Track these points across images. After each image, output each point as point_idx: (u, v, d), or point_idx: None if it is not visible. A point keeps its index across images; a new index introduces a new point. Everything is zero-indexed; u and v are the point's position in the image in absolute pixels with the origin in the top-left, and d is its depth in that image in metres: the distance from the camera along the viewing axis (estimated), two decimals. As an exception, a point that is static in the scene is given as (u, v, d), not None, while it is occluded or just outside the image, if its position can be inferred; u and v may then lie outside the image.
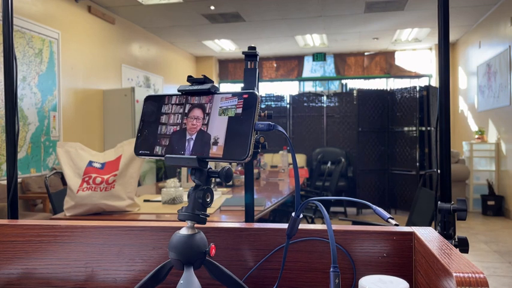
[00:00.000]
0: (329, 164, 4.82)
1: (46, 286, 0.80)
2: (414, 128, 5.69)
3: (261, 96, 6.93)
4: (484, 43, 6.60)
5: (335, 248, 0.57)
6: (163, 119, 0.67)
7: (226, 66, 9.85)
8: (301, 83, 9.50)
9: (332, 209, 6.13)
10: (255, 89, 0.63)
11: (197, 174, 0.64)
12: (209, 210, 2.16)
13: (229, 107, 0.62)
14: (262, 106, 6.93)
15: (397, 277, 0.59)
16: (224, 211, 2.20)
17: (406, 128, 5.82)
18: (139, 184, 3.74)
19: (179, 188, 2.42)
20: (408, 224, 2.45)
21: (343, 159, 4.46)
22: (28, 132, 4.43)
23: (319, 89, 9.41)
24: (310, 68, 9.41)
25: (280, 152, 4.82)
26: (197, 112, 0.64)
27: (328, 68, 9.32)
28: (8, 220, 0.85)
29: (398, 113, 5.93)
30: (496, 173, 6.11)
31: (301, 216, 0.67)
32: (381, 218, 0.76)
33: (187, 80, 0.66)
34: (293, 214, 0.65)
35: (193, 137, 0.63)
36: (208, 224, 0.78)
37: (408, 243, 0.71)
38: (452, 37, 7.83)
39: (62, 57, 5.01)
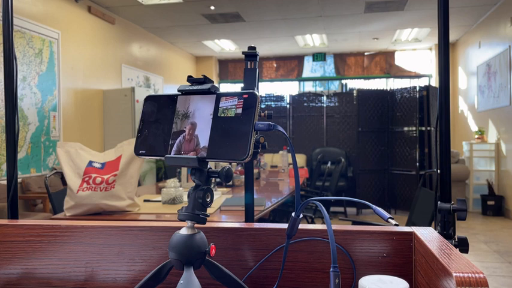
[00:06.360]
0: (329, 164, 4.82)
1: (46, 286, 0.80)
2: (414, 128, 5.69)
3: (261, 96, 6.93)
4: (484, 43, 6.60)
5: (335, 248, 0.57)
6: (163, 119, 0.67)
7: (226, 66, 9.85)
8: (301, 83, 9.50)
9: (332, 209, 6.13)
10: (255, 89, 0.63)
11: (197, 174, 0.64)
12: (209, 210, 2.16)
13: (229, 107, 0.62)
14: (262, 106, 6.93)
15: (397, 277, 0.59)
16: (224, 211, 2.20)
17: (406, 128, 5.82)
18: (139, 184, 3.74)
19: (179, 188, 2.42)
20: (408, 224, 2.45)
21: (343, 159, 4.46)
22: (28, 132, 4.43)
23: (319, 89, 9.41)
24: (310, 68, 9.41)
25: (280, 152, 4.82)
26: (197, 112, 0.64)
27: (328, 68, 9.32)
28: (8, 220, 0.85)
29: (398, 113, 5.93)
30: (496, 173, 6.11)
31: (301, 216, 0.67)
32: (381, 218, 0.76)
33: (187, 80, 0.66)
34: (293, 214, 0.65)
35: (193, 137, 0.63)
36: (208, 224, 0.78)
37: (408, 243, 0.71)
38: (452, 37, 7.83)
39: (62, 57, 5.01)
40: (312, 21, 6.69)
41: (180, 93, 0.67)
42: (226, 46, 8.52)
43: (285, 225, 0.76)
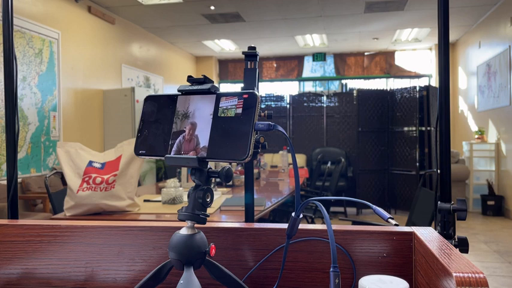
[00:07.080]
0: (329, 164, 4.82)
1: (46, 286, 0.80)
2: (414, 128, 5.69)
3: (261, 96, 6.93)
4: (484, 43, 6.60)
5: (335, 248, 0.57)
6: (163, 119, 0.67)
7: (226, 66, 9.85)
8: (301, 83, 9.50)
9: (332, 209, 6.13)
10: (255, 89, 0.63)
11: (197, 174, 0.64)
12: (209, 210, 2.16)
13: (229, 107, 0.62)
14: (262, 106, 6.93)
15: (397, 277, 0.59)
16: (224, 211, 2.20)
17: (406, 128, 5.82)
18: (139, 184, 3.74)
19: (179, 188, 2.42)
20: (408, 224, 2.45)
21: (343, 159, 4.46)
22: (28, 132, 4.43)
23: (319, 89, 9.41)
24: (310, 68, 9.41)
25: (280, 152, 4.82)
26: (197, 112, 0.64)
27: (328, 68, 9.32)
28: (8, 220, 0.85)
29: (398, 113, 5.93)
30: (496, 173, 6.11)
31: (301, 216, 0.67)
32: (381, 218, 0.76)
33: (187, 80, 0.66)
34: (293, 214, 0.65)
35: (193, 137, 0.63)
36: (208, 224, 0.78)
37: (408, 243, 0.71)
38: (452, 37, 7.83)
39: (62, 57, 5.01)
40: (312, 21, 6.69)
41: (180, 93, 0.67)
42: (226, 46, 8.52)
43: (285, 225, 0.76)
